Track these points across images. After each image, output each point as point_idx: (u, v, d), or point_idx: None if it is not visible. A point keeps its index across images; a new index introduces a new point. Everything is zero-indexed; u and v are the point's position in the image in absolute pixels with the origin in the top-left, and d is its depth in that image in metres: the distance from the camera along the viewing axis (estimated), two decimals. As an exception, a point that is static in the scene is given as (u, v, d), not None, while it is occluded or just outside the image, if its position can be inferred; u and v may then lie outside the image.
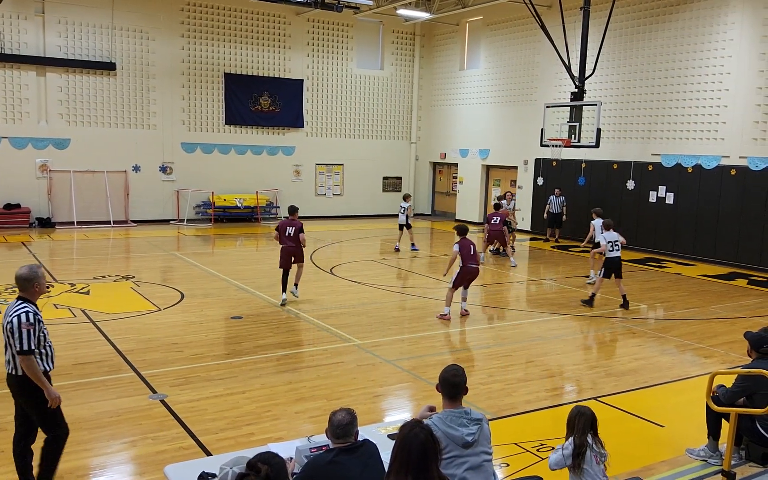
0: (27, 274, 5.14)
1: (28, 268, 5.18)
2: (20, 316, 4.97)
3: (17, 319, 4.95)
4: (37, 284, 5.17)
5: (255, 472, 3.47)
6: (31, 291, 5.15)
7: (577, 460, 4.61)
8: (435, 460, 3.42)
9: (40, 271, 5.24)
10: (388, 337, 10.17)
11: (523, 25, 23.02)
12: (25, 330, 4.93)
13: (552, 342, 10.38)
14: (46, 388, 5.07)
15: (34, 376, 5.01)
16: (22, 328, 4.93)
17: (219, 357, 8.95)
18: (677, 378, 8.75)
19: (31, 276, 5.14)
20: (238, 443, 6.27)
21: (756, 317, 12.04)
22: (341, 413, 4.01)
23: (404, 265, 16.77)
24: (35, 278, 5.15)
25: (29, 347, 4.95)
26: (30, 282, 5.13)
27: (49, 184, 21.24)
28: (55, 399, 5.13)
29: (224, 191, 23.74)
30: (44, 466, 5.22)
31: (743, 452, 6.18)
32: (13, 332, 4.94)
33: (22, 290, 5.14)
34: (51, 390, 5.11)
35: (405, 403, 7.82)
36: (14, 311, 5.02)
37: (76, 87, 21.32)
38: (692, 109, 18.23)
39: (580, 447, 4.63)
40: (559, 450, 4.76)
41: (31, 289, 5.14)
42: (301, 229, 12.12)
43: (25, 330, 4.93)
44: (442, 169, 28.23)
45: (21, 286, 5.14)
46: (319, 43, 25.34)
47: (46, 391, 5.07)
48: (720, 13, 17.54)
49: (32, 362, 4.99)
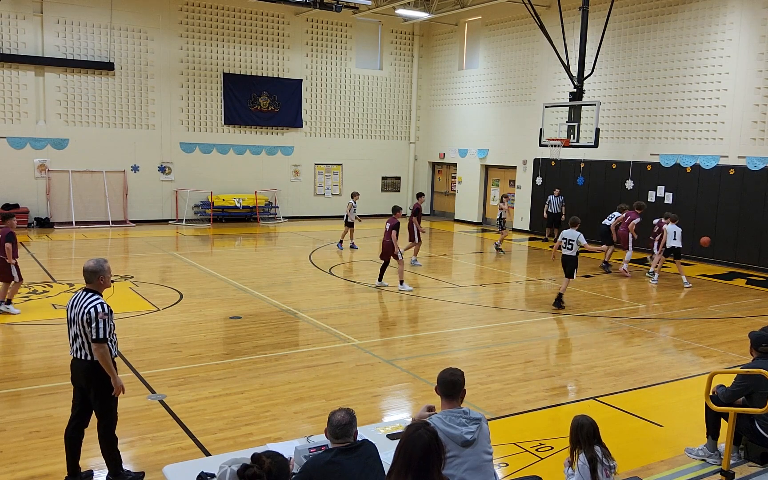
0: (94, 267, 5.38)
1: (95, 262, 5.42)
2: (96, 306, 5.24)
3: (94, 310, 5.22)
4: (102, 277, 5.40)
5: (258, 464, 3.51)
6: (96, 283, 5.39)
7: (594, 474, 4.59)
8: (438, 462, 3.39)
9: (106, 265, 5.46)
10: (386, 337, 10.16)
11: (522, 25, 23.03)
12: (101, 319, 5.22)
13: (551, 342, 10.38)
14: (113, 376, 5.36)
15: (105, 363, 5.28)
16: (99, 318, 5.21)
17: (218, 357, 8.95)
18: (676, 378, 8.76)
19: (97, 269, 5.38)
20: (236, 443, 6.26)
21: (755, 317, 12.05)
22: (340, 413, 4.02)
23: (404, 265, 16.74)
24: (101, 271, 5.40)
25: (104, 336, 5.23)
26: (96, 274, 5.37)
27: (48, 184, 21.22)
28: (120, 388, 5.41)
29: (223, 191, 23.74)
30: (109, 455, 5.49)
31: (742, 452, 6.18)
32: (90, 322, 5.20)
33: (88, 282, 5.39)
34: (117, 379, 5.40)
35: (404, 403, 7.82)
36: (89, 302, 5.27)
37: (75, 87, 21.31)
38: (691, 109, 18.25)
39: (592, 461, 4.63)
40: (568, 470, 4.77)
41: (96, 281, 5.39)
42: (394, 227, 12.97)
43: (101, 319, 5.22)
44: (441, 169, 28.24)
45: (87, 278, 5.39)
46: (318, 43, 25.34)
47: (113, 378, 5.36)
48: (719, 13, 17.55)
49: (106, 350, 5.27)
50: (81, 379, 5.43)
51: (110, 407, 5.47)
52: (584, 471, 4.67)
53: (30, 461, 5.86)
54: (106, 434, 5.48)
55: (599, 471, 4.64)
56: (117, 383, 5.38)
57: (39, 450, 6.07)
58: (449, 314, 12.14)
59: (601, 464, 4.65)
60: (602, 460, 4.66)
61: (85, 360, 5.34)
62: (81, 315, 5.27)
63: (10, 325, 10.07)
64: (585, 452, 4.68)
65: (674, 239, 14.52)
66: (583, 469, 4.68)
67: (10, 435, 6.35)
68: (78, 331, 5.32)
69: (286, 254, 18.31)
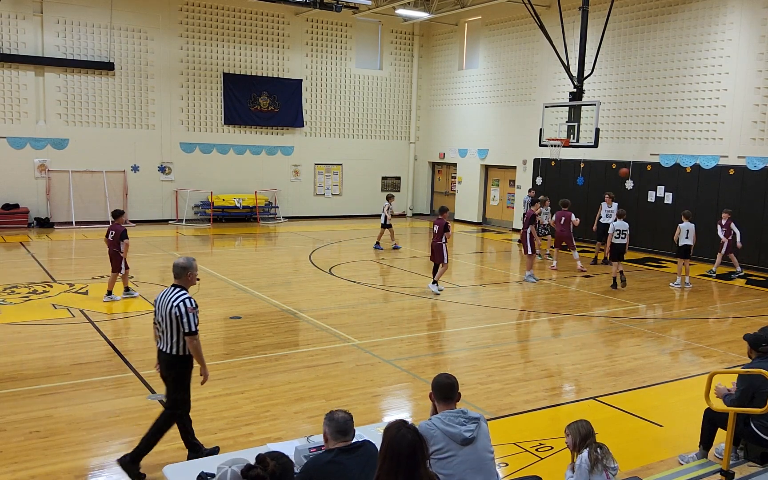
0: (184, 263, 5.72)
1: (185, 259, 5.76)
2: (185, 301, 5.56)
3: (183, 305, 5.53)
4: (190, 273, 5.75)
5: (263, 466, 3.52)
6: (185, 279, 5.71)
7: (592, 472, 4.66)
8: (423, 459, 3.42)
9: (195, 262, 5.81)
10: (386, 337, 10.17)
11: (521, 25, 23.03)
12: (191, 313, 5.55)
13: (551, 342, 10.39)
14: (204, 365, 5.71)
15: (197, 353, 5.63)
16: (189, 312, 5.54)
17: (218, 357, 8.95)
18: (676, 377, 8.76)
19: (187, 265, 5.71)
20: (236, 443, 6.27)
21: (754, 317, 12.06)
22: (340, 412, 4.04)
23: (403, 265, 16.77)
24: (190, 268, 5.73)
25: (196, 328, 5.58)
26: (185, 270, 5.71)
27: (48, 184, 21.22)
28: (207, 376, 5.80)
29: (223, 191, 23.74)
30: (148, 441, 5.64)
31: (741, 452, 6.18)
32: (181, 316, 5.52)
33: (177, 278, 5.71)
34: (206, 368, 5.77)
35: (403, 403, 7.82)
36: (177, 298, 5.57)
37: (75, 87, 21.30)
38: (691, 108, 18.25)
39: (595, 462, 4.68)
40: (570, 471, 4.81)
41: (185, 277, 5.71)
42: (445, 228, 12.98)
43: (191, 313, 5.55)
44: (441, 169, 28.24)
45: (177, 273, 5.71)
46: (317, 43, 25.34)
47: (203, 367, 5.72)
48: (718, 13, 17.55)
49: (198, 341, 5.62)
50: (163, 370, 5.76)
51: (180, 402, 5.74)
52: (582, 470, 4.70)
53: (30, 461, 5.86)
54: (163, 425, 5.70)
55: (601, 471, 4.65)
56: (206, 371, 5.76)
57: (39, 450, 6.07)
58: (449, 314, 12.15)
59: (601, 464, 4.66)
60: (603, 462, 4.68)
61: (168, 353, 5.65)
62: (169, 309, 5.56)
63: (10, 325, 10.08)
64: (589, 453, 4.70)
65: (686, 237, 14.48)
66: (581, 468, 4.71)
67: (10, 435, 6.35)
68: (165, 325, 5.62)
69: (286, 254, 18.31)
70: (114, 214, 12.19)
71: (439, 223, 13.14)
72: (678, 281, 14.72)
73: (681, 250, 14.59)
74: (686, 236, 14.54)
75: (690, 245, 14.60)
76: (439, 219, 13.20)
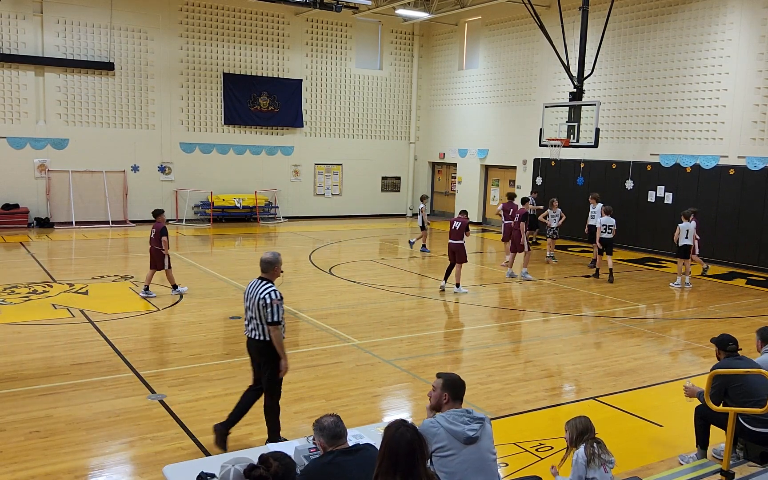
0: (271, 258, 6.08)
1: (272, 254, 6.12)
2: (271, 293, 5.90)
3: (269, 296, 5.89)
4: (276, 267, 6.10)
5: (266, 466, 3.51)
6: (271, 273, 6.07)
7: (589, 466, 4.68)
8: (422, 458, 3.42)
9: (280, 257, 6.18)
10: (386, 337, 10.16)
11: (521, 25, 23.03)
12: (276, 305, 5.89)
13: (551, 342, 10.38)
14: (283, 356, 6.04)
15: (278, 343, 5.98)
16: (274, 304, 5.88)
17: (218, 357, 8.95)
18: (676, 377, 8.75)
19: (273, 260, 6.08)
20: (237, 443, 6.26)
21: (754, 317, 12.05)
22: (326, 418, 3.97)
23: (403, 265, 16.78)
24: (276, 262, 6.09)
25: (279, 319, 5.93)
26: (272, 265, 6.06)
27: (48, 184, 21.22)
28: (286, 368, 6.08)
29: (223, 191, 23.74)
30: (272, 426, 6.15)
31: (741, 452, 6.18)
32: (266, 306, 5.87)
33: (264, 272, 6.06)
34: (286, 360, 6.08)
35: (403, 403, 7.82)
36: (264, 289, 5.93)
37: (75, 87, 21.31)
38: (691, 109, 18.25)
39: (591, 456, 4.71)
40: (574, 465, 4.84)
41: (272, 271, 6.07)
42: (465, 228, 13.07)
43: (276, 305, 5.89)
44: (441, 169, 28.24)
45: (264, 268, 6.07)
46: (317, 43, 25.34)
47: (283, 358, 6.04)
48: (718, 13, 17.55)
49: (279, 332, 5.97)
50: (255, 355, 6.15)
51: (277, 382, 6.10)
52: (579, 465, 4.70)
53: (30, 461, 5.86)
54: (273, 406, 6.12)
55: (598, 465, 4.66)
56: (285, 363, 6.05)
57: (39, 450, 6.07)
58: (449, 314, 12.15)
59: (598, 459, 4.67)
60: (600, 455, 4.68)
61: (258, 340, 6.03)
62: (257, 300, 5.92)
63: (9, 325, 10.08)
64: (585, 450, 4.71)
65: (686, 237, 14.50)
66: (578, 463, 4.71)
67: (10, 435, 6.35)
68: (253, 314, 5.99)
69: (286, 254, 18.24)
70: (154, 213, 12.61)
71: (462, 220, 13.15)
72: (678, 281, 14.72)
73: (681, 250, 14.60)
74: (686, 236, 14.57)
75: (690, 245, 14.61)
76: (461, 216, 13.34)
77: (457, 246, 13.10)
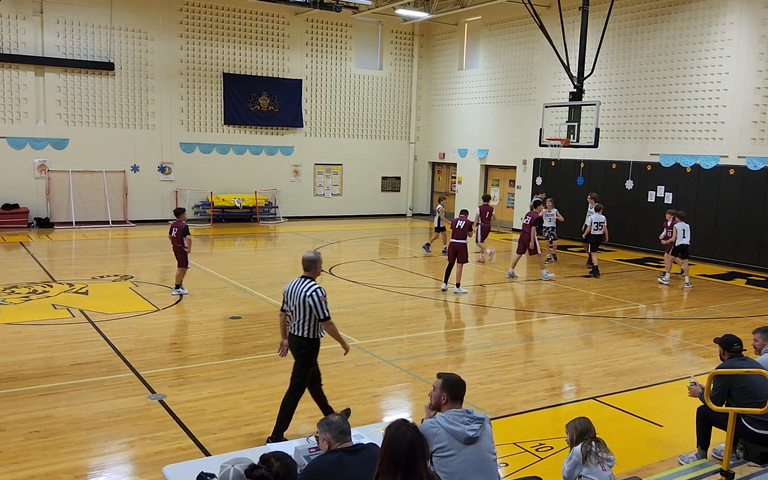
0: (313, 257, 6.29)
1: (314, 253, 6.33)
2: (317, 291, 6.09)
3: (316, 295, 6.08)
4: (318, 266, 6.31)
5: (267, 466, 3.51)
6: (314, 270, 6.27)
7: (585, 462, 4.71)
8: (423, 457, 3.42)
9: (321, 256, 6.41)
10: (386, 337, 10.16)
11: (521, 25, 23.03)
12: (323, 302, 6.10)
13: (550, 342, 10.38)
14: (343, 342, 6.39)
15: (335, 334, 6.26)
16: (321, 301, 6.08)
17: (218, 357, 8.95)
18: (676, 377, 8.75)
19: (315, 259, 6.29)
20: (236, 443, 6.27)
21: (754, 317, 12.05)
22: (334, 416, 4.04)
23: (403, 265, 16.77)
24: (318, 261, 6.31)
25: (328, 314, 6.14)
26: (314, 263, 6.27)
27: (48, 184, 21.22)
28: (348, 349, 6.51)
29: (223, 191, 23.74)
30: (282, 420, 6.28)
31: (741, 452, 6.18)
32: (315, 305, 6.07)
33: (307, 270, 6.25)
34: (346, 343, 6.46)
35: (404, 403, 7.82)
36: (310, 288, 6.11)
37: (75, 87, 21.30)
38: (691, 108, 18.25)
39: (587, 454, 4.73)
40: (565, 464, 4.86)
41: (314, 269, 6.27)
42: (468, 227, 13.11)
43: (323, 302, 6.10)
44: (441, 169, 28.23)
45: (306, 266, 6.26)
46: (317, 43, 25.34)
47: (343, 343, 6.39)
48: (718, 13, 17.55)
49: (333, 326, 6.21)
50: (293, 350, 6.31)
51: (303, 376, 6.29)
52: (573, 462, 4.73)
53: (30, 461, 5.85)
54: (292, 400, 6.28)
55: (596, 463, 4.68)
56: (347, 346, 6.46)
57: (39, 450, 6.07)
58: (449, 314, 12.15)
59: (595, 456, 4.68)
60: (597, 453, 4.70)
61: (297, 336, 6.20)
62: (303, 298, 6.09)
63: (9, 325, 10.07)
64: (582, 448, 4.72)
65: (684, 237, 14.58)
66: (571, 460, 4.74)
67: (10, 435, 6.35)
68: (296, 312, 6.15)
69: (286, 254, 18.30)
70: (176, 212, 12.93)
71: (466, 220, 13.18)
72: (666, 277, 14.94)
73: (680, 250, 14.62)
74: (683, 236, 14.58)
75: (687, 244, 14.63)
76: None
77: (459, 245, 13.08)
